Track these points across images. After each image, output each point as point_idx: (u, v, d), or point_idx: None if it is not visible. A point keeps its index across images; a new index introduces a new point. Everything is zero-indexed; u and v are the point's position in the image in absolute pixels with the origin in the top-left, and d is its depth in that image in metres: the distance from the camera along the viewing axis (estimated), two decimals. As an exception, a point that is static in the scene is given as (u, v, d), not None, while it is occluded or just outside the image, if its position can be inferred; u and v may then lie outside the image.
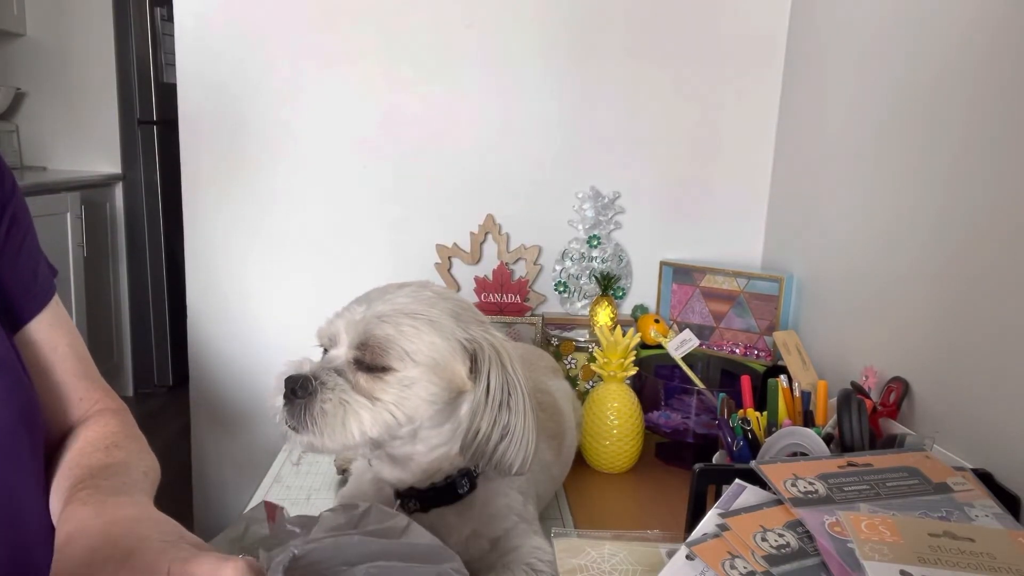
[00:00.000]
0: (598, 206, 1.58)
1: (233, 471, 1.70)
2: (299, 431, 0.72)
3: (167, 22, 3.27)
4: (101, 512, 0.58)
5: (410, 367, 0.73)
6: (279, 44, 1.55)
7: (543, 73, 1.56)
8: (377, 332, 0.73)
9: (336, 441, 0.71)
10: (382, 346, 0.73)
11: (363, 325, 0.74)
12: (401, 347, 0.73)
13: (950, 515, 0.71)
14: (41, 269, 0.77)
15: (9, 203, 0.74)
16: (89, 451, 0.71)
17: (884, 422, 1.02)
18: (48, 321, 0.76)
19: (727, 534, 0.68)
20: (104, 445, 0.72)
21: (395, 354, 0.73)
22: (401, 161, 1.59)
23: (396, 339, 0.73)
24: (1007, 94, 0.91)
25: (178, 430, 1.93)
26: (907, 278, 1.10)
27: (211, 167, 1.60)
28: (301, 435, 0.72)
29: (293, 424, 0.72)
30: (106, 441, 0.73)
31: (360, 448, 0.74)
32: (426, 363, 0.74)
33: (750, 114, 1.58)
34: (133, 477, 0.69)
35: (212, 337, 1.66)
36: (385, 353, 0.73)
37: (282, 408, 0.72)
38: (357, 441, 0.72)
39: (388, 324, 0.74)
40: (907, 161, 1.12)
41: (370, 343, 0.73)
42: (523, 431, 0.77)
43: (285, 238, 1.62)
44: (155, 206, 3.37)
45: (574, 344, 1.43)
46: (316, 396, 0.71)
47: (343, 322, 0.76)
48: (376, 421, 0.72)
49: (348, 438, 0.71)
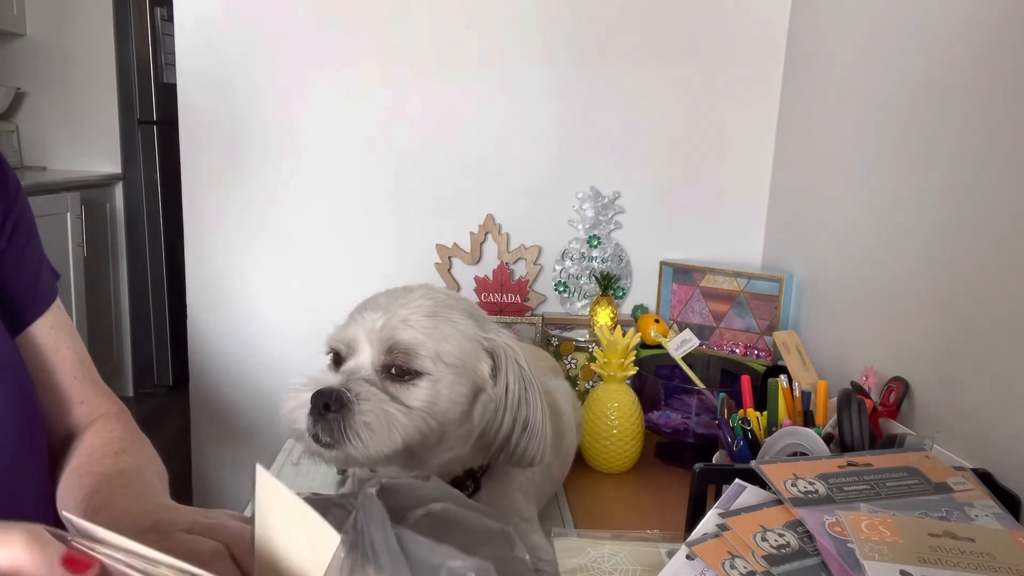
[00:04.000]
0: (598, 206, 1.58)
1: (233, 471, 1.70)
2: (335, 447, 0.69)
3: (167, 22, 3.27)
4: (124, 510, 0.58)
5: (442, 370, 0.73)
6: (279, 44, 1.56)
7: (543, 73, 1.56)
8: (404, 337, 0.72)
9: (379, 452, 0.69)
10: (412, 351, 0.72)
11: (388, 332, 0.73)
12: (431, 350, 0.72)
13: (950, 515, 0.71)
14: (44, 272, 0.77)
15: (14, 206, 0.74)
16: (98, 458, 0.71)
17: (884, 422, 1.02)
18: (50, 324, 0.76)
19: (727, 534, 0.68)
20: (113, 451, 0.72)
21: (425, 357, 0.72)
22: (401, 161, 1.59)
23: (425, 343, 0.72)
24: (1007, 93, 0.91)
25: (178, 430, 1.93)
26: (907, 278, 1.10)
27: (211, 167, 1.60)
28: (337, 450, 0.69)
29: (328, 440, 0.69)
30: (114, 447, 0.72)
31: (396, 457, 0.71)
32: (456, 364, 0.74)
33: (750, 114, 1.58)
34: (149, 481, 0.68)
35: (212, 337, 1.66)
36: (416, 357, 0.72)
37: (311, 426, 0.69)
38: (399, 450, 0.70)
39: (413, 328, 0.73)
40: (907, 161, 1.12)
41: (398, 349, 0.72)
42: (541, 423, 0.78)
43: (285, 238, 1.62)
44: (155, 206, 3.37)
45: (574, 344, 1.43)
46: (353, 409, 0.68)
47: (361, 330, 0.74)
48: (416, 427, 0.71)
49: (391, 447, 0.69)
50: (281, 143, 1.59)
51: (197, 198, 1.62)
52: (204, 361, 1.68)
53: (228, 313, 1.65)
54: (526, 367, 0.78)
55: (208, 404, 1.70)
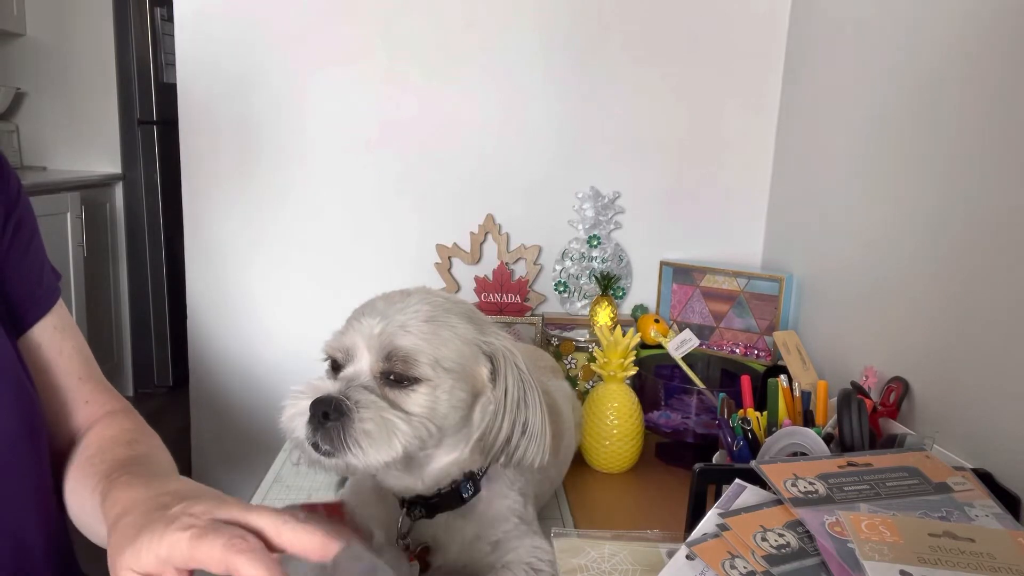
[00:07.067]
0: (598, 206, 1.58)
1: (233, 471, 1.70)
2: (335, 455, 0.68)
3: (167, 22, 3.27)
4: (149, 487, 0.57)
5: (441, 375, 0.72)
6: (278, 45, 1.56)
7: (543, 73, 1.56)
8: (403, 343, 0.72)
9: (379, 460, 0.69)
10: (411, 357, 0.71)
11: (386, 337, 0.72)
12: (430, 356, 0.72)
13: (950, 515, 0.71)
14: (46, 273, 0.77)
15: (15, 207, 0.74)
16: (110, 447, 0.71)
17: (884, 422, 1.02)
18: (52, 324, 0.76)
19: (727, 534, 0.68)
20: (124, 440, 0.72)
21: (424, 363, 0.72)
22: (401, 161, 1.59)
23: (423, 348, 0.72)
24: (1007, 94, 0.91)
25: (178, 430, 1.93)
26: (907, 278, 1.10)
27: (211, 167, 1.60)
28: (337, 458, 0.69)
29: (328, 448, 0.69)
30: (125, 437, 0.73)
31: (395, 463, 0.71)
32: (455, 369, 0.73)
33: (751, 114, 1.58)
34: (164, 468, 0.69)
35: (212, 337, 1.66)
36: (415, 364, 0.71)
37: (310, 435, 0.69)
38: (399, 457, 0.70)
39: (412, 334, 0.72)
40: (907, 161, 1.12)
41: (397, 355, 0.71)
42: (541, 426, 0.78)
43: (285, 237, 1.62)
44: (155, 206, 3.37)
45: (574, 344, 1.43)
46: (353, 417, 0.68)
47: (359, 336, 0.73)
48: (416, 434, 0.71)
49: (391, 455, 0.69)
50: (281, 143, 1.59)
51: (197, 198, 1.62)
52: (204, 361, 1.68)
53: (228, 313, 1.65)
54: (525, 370, 0.78)
55: (208, 404, 1.70)
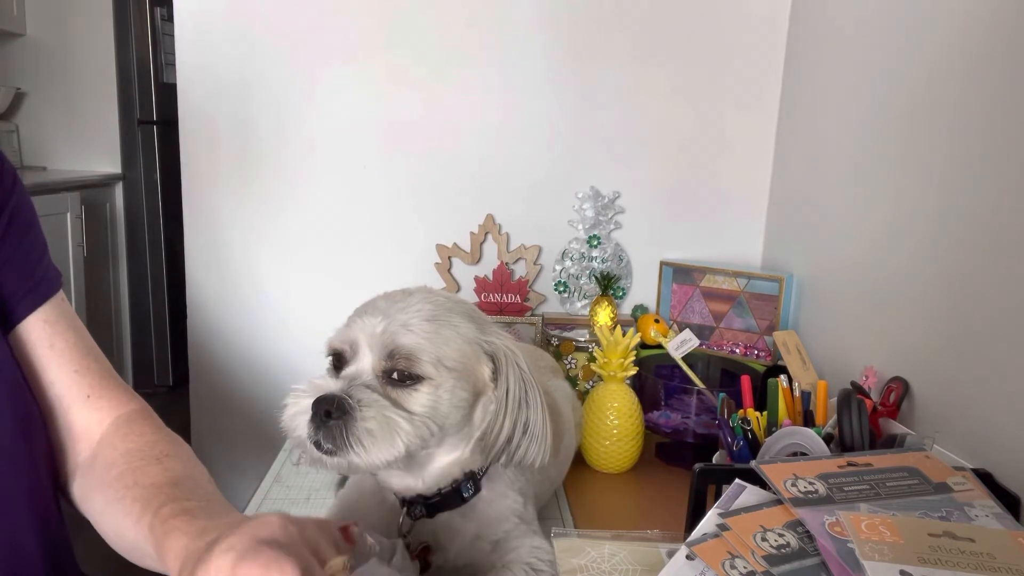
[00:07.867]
0: (598, 206, 1.58)
1: (233, 471, 1.70)
2: (337, 453, 0.68)
3: (167, 22, 3.27)
4: (204, 533, 0.56)
5: (443, 374, 0.72)
6: (279, 44, 1.56)
7: (543, 73, 1.56)
8: (405, 342, 0.72)
9: (381, 458, 0.69)
10: (413, 355, 0.71)
11: (389, 336, 0.72)
12: (432, 355, 0.72)
13: (950, 515, 0.71)
14: (42, 267, 0.76)
15: (9, 200, 0.72)
16: (141, 466, 0.68)
17: (884, 422, 1.02)
18: (42, 319, 0.74)
19: (727, 534, 0.68)
20: (154, 456, 0.70)
21: (427, 362, 0.72)
22: (401, 161, 1.59)
23: (426, 347, 0.72)
24: (1007, 94, 0.91)
25: (178, 430, 1.92)
26: (907, 278, 1.10)
27: (211, 167, 1.60)
28: (340, 457, 0.69)
29: (330, 447, 0.69)
30: (153, 452, 0.70)
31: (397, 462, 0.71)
32: (457, 368, 0.73)
33: (751, 114, 1.58)
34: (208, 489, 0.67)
35: (212, 337, 1.66)
36: (417, 362, 0.71)
37: (312, 433, 0.69)
38: (401, 455, 0.70)
39: (414, 333, 0.72)
40: (907, 161, 1.12)
41: (399, 353, 0.71)
42: (542, 426, 0.78)
43: (285, 237, 1.62)
44: (155, 206, 3.37)
45: (574, 344, 1.43)
46: (355, 415, 0.68)
47: (362, 335, 0.73)
48: (418, 433, 0.71)
49: (394, 454, 0.69)
50: (281, 143, 1.59)
51: (197, 198, 1.62)
52: (204, 361, 1.68)
53: (228, 313, 1.65)
54: (527, 370, 0.78)
55: (208, 404, 1.70)
